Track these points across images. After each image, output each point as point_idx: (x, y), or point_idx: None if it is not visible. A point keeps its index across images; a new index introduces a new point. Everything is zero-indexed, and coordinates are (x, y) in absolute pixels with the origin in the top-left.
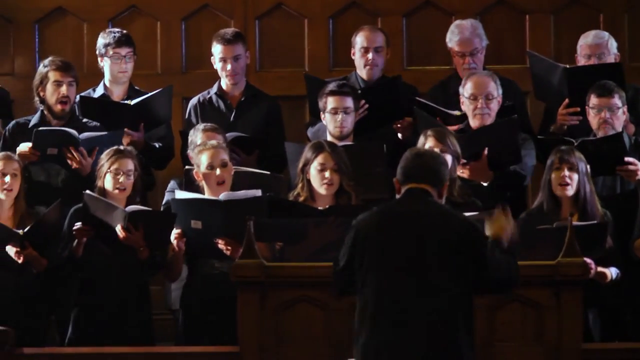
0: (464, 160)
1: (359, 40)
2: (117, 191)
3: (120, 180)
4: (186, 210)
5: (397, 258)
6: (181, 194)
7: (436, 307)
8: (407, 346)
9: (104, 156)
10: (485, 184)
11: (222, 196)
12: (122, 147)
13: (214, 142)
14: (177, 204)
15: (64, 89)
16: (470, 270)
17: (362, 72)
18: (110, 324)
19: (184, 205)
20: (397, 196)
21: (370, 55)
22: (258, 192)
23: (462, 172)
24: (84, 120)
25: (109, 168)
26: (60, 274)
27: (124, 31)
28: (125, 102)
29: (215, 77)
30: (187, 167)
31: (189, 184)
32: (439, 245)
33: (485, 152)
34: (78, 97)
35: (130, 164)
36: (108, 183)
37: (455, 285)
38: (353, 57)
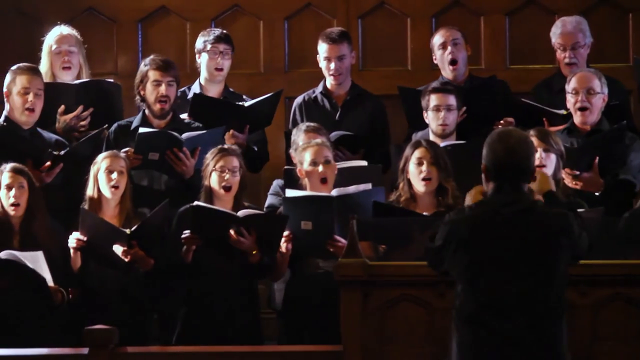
0: (577, 172)
1: (436, 39)
2: (222, 191)
3: (225, 178)
4: (297, 210)
5: (497, 258)
6: (292, 192)
7: (539, 307)
8: (511, 347)
9: (209, 155)
10: (597, 194)
11: (335, 192)
12: (226, 146)
13: (318, 140)
14: (288, 203)
15: (162, 89)
16: (567, 259)
17: (446, 72)
18: (219, 324)
19: (295, 203)
20: (485, 184)
21: (449, 49)
22: (368, 186)
23: (575, 185)
24: (186, 120)
25: (214, 166)
26: (170, 277)
27: (224, 31)
28: (240, 103)
29: (318, 76)
30: (286, 167)
31: (290, 183)
32: (538, 242)
33: (596, 161)
34: (192, 94)
35: (235, 161)
36: (214, 182)
37: (555, 283)
38: (435, 61)
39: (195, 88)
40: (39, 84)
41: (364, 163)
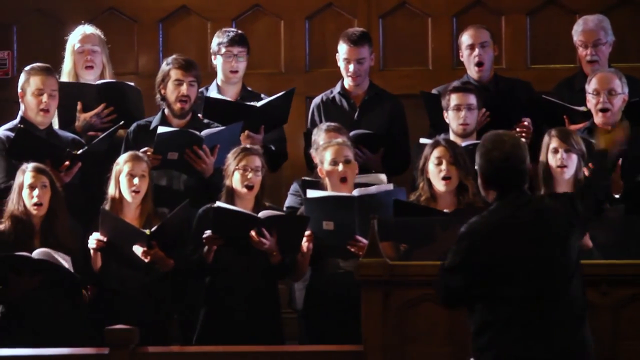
0: None
1: (465, 39)
2: (245, 190)
3: (248, 177)
4: (318, 210)
5: (519, 263)
6: (313, 193)
7: (572, 313)
8: (543, 353)
9: (231, 155)
10: (617, 196)
11: (356, 192)
12: (248, 145)
13: (339, 139)
14: (310, 203)
15: (184, 89)
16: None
17: (472, 71)
18: (239, 325)
19: (316, 204)
20: (483, 192)
21: (476, 51)
22: (390, 186)
23: None
24: (206, 121)
25: (236, 165)
26: (190, 277)
27: (239, 31)
28: (252, 103)
29: (339, 76)
30: (304, 178)
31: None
32: (556, 241)
33: (620, 163)
34: (203, 97)
35: (257, 161)
36: (236, 181)
37: (577, 279)
38: (462, 59)
39: (213, 89)
40: (53, 85)
41: (384, 179)
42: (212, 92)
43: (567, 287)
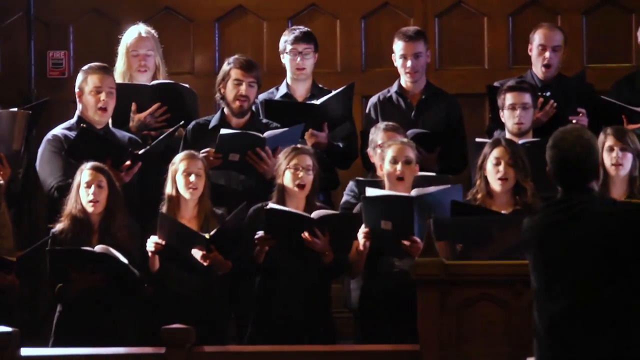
0: None
1: (537, 37)
2: (297, 189)
3: (299, 176)
4: (376, 209)
5: (570, 264)
6: (372, 192)
7: (609, 317)
8: (590, 348)
9: (282, 155)
10: None
11: (414, 192)
12: (299, 145)
13: (404, 139)
14: (368, 202)
15: (243, 89)
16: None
17: (537, 69)
18: (291, 324)
19: (375, 203)
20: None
21: (547, 54)
22: (447, 186)
23: None
24: (265, 121)
25: (287, 164)
26: (241, 278)
27: (306, 28)
28: (311, 102)
29: (395, 75)
30: (357, 178)
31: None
32: (609, 246)
33: None
34: (261, 100)
35: (308, 160)
36: (287, 180)
37: (630, 294)
38: (530, 54)
39: (283, 88)
40: (111, 83)
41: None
42: (282, 90)
43: (605, 291)
